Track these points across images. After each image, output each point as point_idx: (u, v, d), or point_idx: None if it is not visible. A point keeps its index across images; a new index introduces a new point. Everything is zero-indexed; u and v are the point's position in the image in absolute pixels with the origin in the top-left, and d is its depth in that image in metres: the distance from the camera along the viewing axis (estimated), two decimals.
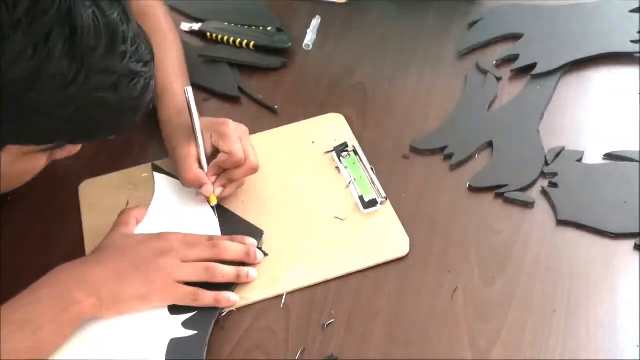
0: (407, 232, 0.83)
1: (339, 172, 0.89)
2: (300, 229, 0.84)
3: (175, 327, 0.75)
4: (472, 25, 1.09)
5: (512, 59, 1.03)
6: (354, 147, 0.91)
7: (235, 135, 0.83)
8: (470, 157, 0.91)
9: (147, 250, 0.76)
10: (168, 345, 0.74)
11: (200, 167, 0.83)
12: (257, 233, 0.83)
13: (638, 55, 1.01)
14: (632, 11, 1.06)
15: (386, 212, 0.84)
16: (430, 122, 0.95)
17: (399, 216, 0.84)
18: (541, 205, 0.85)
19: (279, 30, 1.07)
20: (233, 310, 0.77)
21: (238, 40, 1.06)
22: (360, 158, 0.89)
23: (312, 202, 0.86)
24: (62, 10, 0.58)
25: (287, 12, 1.13)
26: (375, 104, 0.99)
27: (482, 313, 0.76)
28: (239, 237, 0.81)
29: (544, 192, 0.86)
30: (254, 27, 1.08)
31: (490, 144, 0.92)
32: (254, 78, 1.03)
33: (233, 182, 0.84)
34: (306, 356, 0.73)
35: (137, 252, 0.76)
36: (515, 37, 1.06)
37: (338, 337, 0.75)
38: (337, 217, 0.84)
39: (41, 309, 0.69)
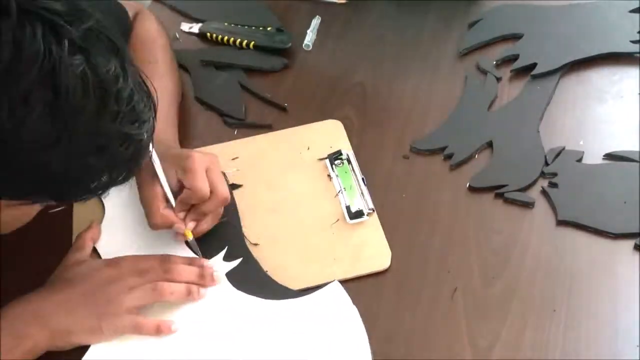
0: (406, 231, 0.83)
1: (330, 180, 0.88)
2: (286, 235, 0.83)
3: (220, 265, 0.79)
4: (472, 25, 1.09)
5: (512, 59, 1.03)
6: (348, 155, 0.90)
7: (201, 168, 0.79)
8: (470, 157, 0.91)
9: (97, 279, 0.75)
10: (229, 281, 0.78)
11: (169, 206, 0.79)
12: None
13: (638, 55, 1.01)
14: (632, 11, 1.06)
15: (372, 224, 0.83)
16: (430, 122, 0.95)
17: (399, 216, 0.84)
18: (541, 205, 0.85)
19: (279, 30, 1.07)
20: None
21: (238, 41, 1.06)
22: (352, 167, 0.89)
23: (301, 208, 0.86)
24: (44, 68, 0.52)
25: (287, 12, 1.13)
26: (375, 104, 0.99)
27: (482, 313, 0.76)
28: (197, 260, 0.79)
29: (544, 192, 0.86)
30: (254, 27, 1.08)
31: (490, 144, 0.92)
32: (255, 78, 1.03)
33: (206, 215, 0.80)
34: None
35: (86, 281, 0.75)
36: (515, 37, 1.06)
37: None
38: (322, 226, 0.84)
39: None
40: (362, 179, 0.87)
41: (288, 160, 0.91)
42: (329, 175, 0.89)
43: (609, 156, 0.89)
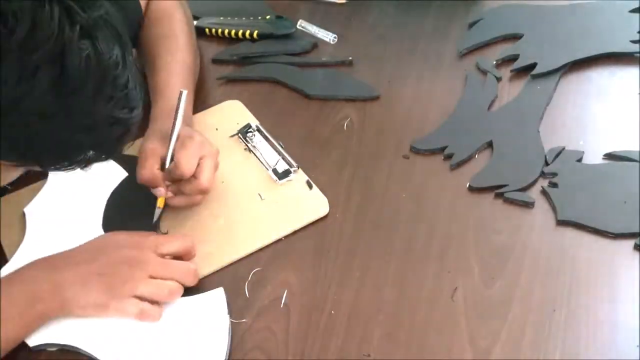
0: (406, 231, 0.83)
1: (249, 151, 0.92)
2: (226, 210, 0.86)
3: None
4: (472, 25, 1.09)
5: (512, 59, 1.03)
6: (257, 126, 0.94)
7: (196, 150, 0.82)
8: (470, 157, 0.91)
9: (120, 257, 0.76)
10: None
11: (161, 169, 0.83)
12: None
13: (638, 55, 1.01)
14: (632, 11, 1.06)
15: (300, 179, 0.88)
16: (430, 122, 0.95)
17: (399, 216, 0.84)
18: (541, 205, 0.85)
19: (278, 17, 1.06)
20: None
21: (240, 32, 1.05)
22: (265, 135, 0.93)
23: (231, 183, 0.89)
24: (56, 48, 0.56)
25: (287, 12, 1.13)
26: (375, 104, 0.99)
27: (482, 313, 0.76)
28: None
29: (544, 192, 0.86)
30: (252, 18, 1.07)
31: (490, 144, 0.92)
32: None
33: (183, 194, 0.84)
34: (306, 356, 0.73)
35: (109, 257, 0.76)
36: (515, 37, 1.06)
37: (338, 338, 0.75)
38: (256, 193, 0.87)
39: (9, 303, 0.70)
40: (279, 143, 0.91)
41: None
42: (245, 149, 0.92)
43: (609, 156, 0.89)
